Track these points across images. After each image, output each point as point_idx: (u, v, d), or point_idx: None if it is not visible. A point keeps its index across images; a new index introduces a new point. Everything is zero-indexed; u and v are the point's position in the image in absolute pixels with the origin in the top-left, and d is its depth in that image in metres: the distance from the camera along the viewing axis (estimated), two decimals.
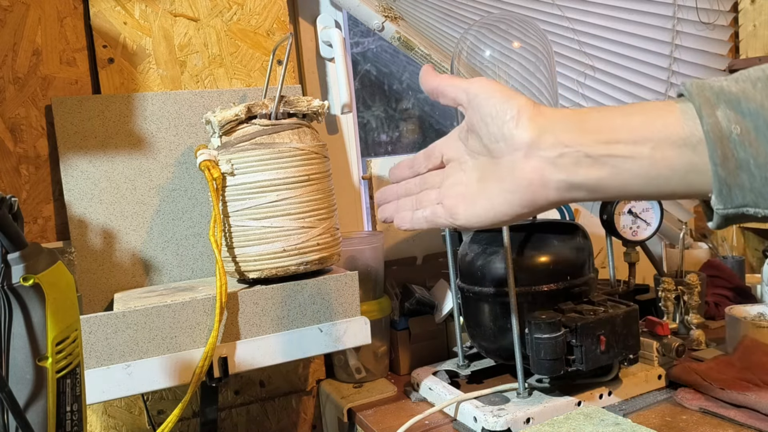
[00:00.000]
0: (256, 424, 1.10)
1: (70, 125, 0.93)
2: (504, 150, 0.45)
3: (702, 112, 0.39)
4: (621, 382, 0.90)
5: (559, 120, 0.44)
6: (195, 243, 1.00)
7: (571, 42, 1.32)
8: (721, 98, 0.39)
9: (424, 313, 1.12)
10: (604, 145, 0.42)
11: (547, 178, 0.43)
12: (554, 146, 0.43)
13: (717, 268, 1.26)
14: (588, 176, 0.42)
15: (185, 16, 1.02)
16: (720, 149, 0.38)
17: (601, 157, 0.42)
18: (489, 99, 0.47)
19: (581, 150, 0.42)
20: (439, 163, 0.55)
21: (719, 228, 0.41)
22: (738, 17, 1.48)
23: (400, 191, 0.58)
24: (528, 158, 0.44)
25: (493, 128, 0.46)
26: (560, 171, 0.43)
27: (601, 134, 0.42)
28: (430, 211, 0.53)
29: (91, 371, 0.74)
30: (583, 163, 0.42)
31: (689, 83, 0.41)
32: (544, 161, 0.43)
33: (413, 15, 1.20)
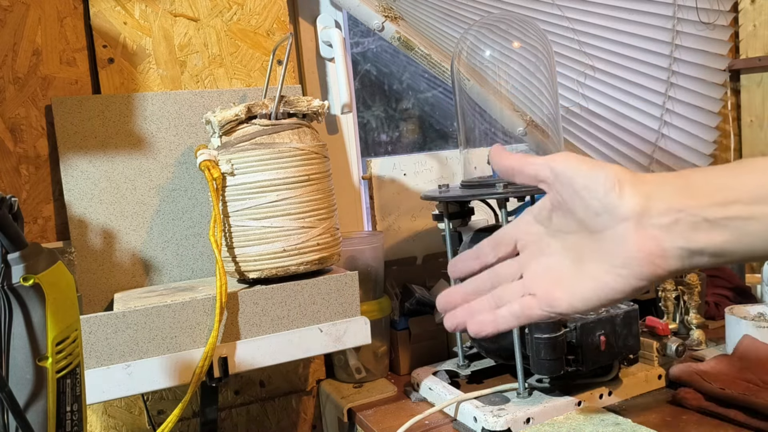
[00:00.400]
0: (256, 424, 1.10)
1: (70, 125, 0.93)
2: (607, 222, 0.42)
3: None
4: (621, 382, 0.90)
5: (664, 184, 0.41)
6: (195, 243, 1.00)
7: (571, 42, 1.32)
8: None
9: (424, 313, 1.12)
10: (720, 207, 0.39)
11: (665, 247, 0.41)
12: (667, 212, 0.40)
13: (717, 268, 1.26)
14: (709, 241, 0.40)
15: (185, 16, 1.02)
16: None
17: (719, 220, 0.39)
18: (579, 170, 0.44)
19: (697, 214, 0.40)
20: (510, 251, 0.50)
21: None
22: (738, 17, 1.48)
23: (467, 291, 0.51)
24: (639, 228, 0.41)
25: (592, 201, 0.43)
26: (678, 238, 0.40)
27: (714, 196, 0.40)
28: (519, 304, 0.47)
29: (91, 371, 0.74)
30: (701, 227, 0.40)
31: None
32: (659, 229, 0.40)
33: (413, 15, 1.20)
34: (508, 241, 0.50)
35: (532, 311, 0.47)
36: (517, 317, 0.47)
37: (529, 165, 0.47)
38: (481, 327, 0.48)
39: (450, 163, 1.24)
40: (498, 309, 0.48)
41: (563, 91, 1.33)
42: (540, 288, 0.47)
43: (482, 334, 0.48)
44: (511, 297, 0.48)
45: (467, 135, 1.08)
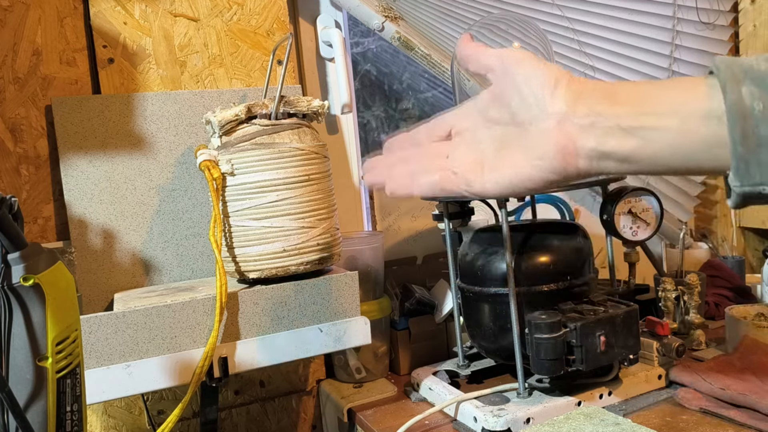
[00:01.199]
0: (256, 424, 1.10)
1: (70, 125, 0.93)
2: (535, 115, 0.45)
3: (726, 87, 0.39)
4: (621, 382, 0.90)
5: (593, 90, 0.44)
6: (195, 243, 1.00)
7: (571, 42, 1.32)
8: (748, 75, 0.39)
9: (424, 313, 1.12)
10: (635, 116, 0.42)
11: (578, 145, 0.44)
12: (587, 115, 0.43)
13: (717, 268, 1.26)
14: (618, 146, 0.43)
15: (185, 16, 1.02)
16: (740, 125, 0.38)
17: (631, 128, 0.42)
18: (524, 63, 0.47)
19: (612, 120, 0.43)
20: (444, 136, 0.53)
21: (737, 207, 0.41)
22: (738, 17, 1.48)
23: (393, 160, 0.54)
24: (561, 124, 0.44)
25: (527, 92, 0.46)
26: (591, 139, 0.43)
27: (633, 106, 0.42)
28: (440, 176, 0.50)
29: (91, 371, 0.74)
30: (614, 133, 0.43)
31: (719, 59, 0.41)
32: (576, 128, 0.44)
33: (413, 15, 1.20)
34: (444, 126, 0.53)
35: (448, 184, 0.50)
36: (432, 186, 0.50)
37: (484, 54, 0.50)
38: (397, 187, 0.52)
39: None
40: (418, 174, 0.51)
41: None
42: (461, 167, 0.50)
43: (397, 193, 0.52)
44: (433, 169, 0.51)
45: None
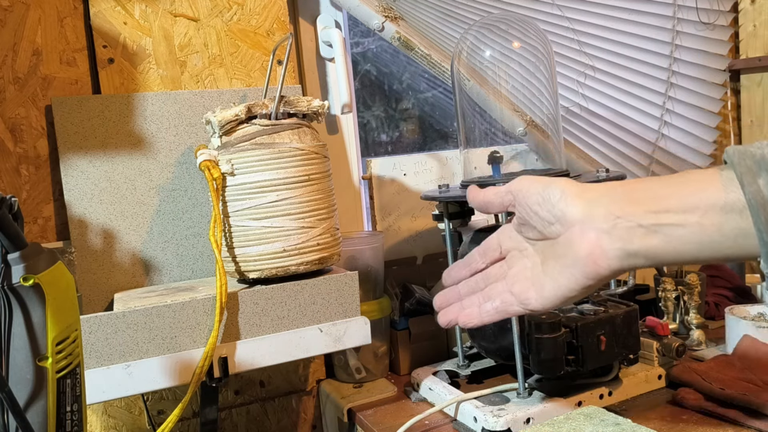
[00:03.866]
0: (256, 424, 1.10)
1: (70, 125, 0.93)
2: (559, 230, 0.48)
3: (743, 180, 0.41)
4: (621, 382, 0.90)
5: (605, 193, 0.47)
6: (195, 243, 1.00)
7: (571, 42, 1.32)
8: (763, 167, 0.41)
9: (424, 313, 1.12)
10: (653, 214, 0.44)
11: (605, 248, 0.46)
12: (606, 218, 0.46)
13: (717, 268, 1.26)
14: (643, 244, 0.45)
15: (185, 16, 1.02)
16: (764, 215, 0.40)
17: (652, 226, 0.44)
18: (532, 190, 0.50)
19: (633, 220, 0.45)
20: (497, 256, 0.56)
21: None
22: (738, 17, 1.48)
23: (462, 291, 0.58)
24: (583, 232, 0.46)
25: (544, 213, 0.49)
26: (616, 240, 0.45)
27: (650, 204, 0.44)
28: (500, 300, 0.54)
29: (91, 371, 0.74)
30: (636, 232, 0.45)
31: (732, 150, 0.42)
32: (600, 232, 0.46)
33: (413, 15, 1.20)
34: (494, 247, 0.57)
35: (509, 307, 0.54)
36: (497, 311, 0.55)
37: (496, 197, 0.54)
38: (468, 319, 0.56)
39: (450, 163, 1.24)
40: (483, 304, 0.56)
41: (563, 91, 1.33)
42: (517, 286, 0.53)
43: (469, 325, 0.56)
44: (495, 295, 0.55)
45: (467, 135, 1.08)
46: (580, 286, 0.48)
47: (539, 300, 0.51)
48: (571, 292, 0.49)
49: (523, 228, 0.53)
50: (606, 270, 0.46)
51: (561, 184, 0.49)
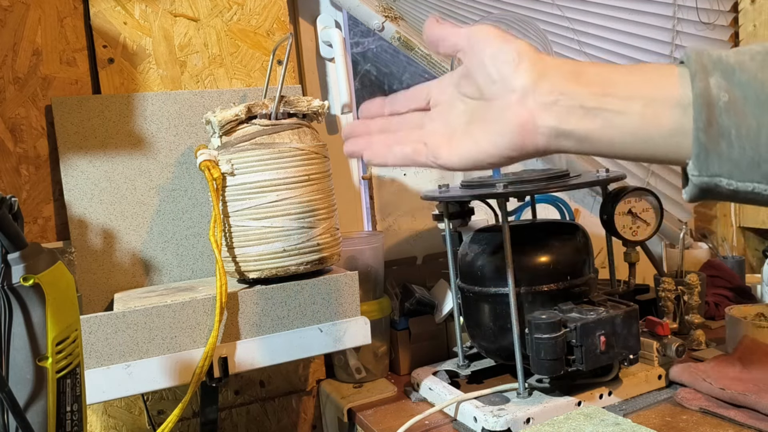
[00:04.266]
0: (256, 424, 1.10)
1: (70, 125, 0.93)
2: (499, 92, 0.45)
3: (696, 77, 0.39)
4: (621, 382, 0.90)
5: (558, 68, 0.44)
6: (195, 243, 1.00)
7: (571, 42, 1.32)
8: (718, 66, 0.39)
9: (424, 313, 1.12)
10: (598, 97, 0.42)
11: (538, 123, 0.44)
12: (550, 92, 0.43)
13: (717, 268, 1.26)
14: (578, 126, 0.43)
15: (185, 16, 1.02)
16: (705, 114, 0.38)
17: (593, 108, 0.42)
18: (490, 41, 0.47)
19: (576, 99, 0.43)
20: (423, 105, 0.53)
21: (692, 200, 0.42)
22: (738, 17, 1.48)
23: (373, 127, 0.55)
24: (522, 101, 0.44)
25: (492, 69, 0.46)
26: (552, 117, 0.43)
27: (597, 87, 0.42)
28: (412, 148, 0.52)
29: (91, 371, 0.74)
30: (575, 112, 0.43)
31: (690, 49, 0.41)
32: (538, 105, 0.43)
33: (413, 15, 1.20)
34: (422, 95, 0.53)
35: (418, 156, 0.51)
36: (405, 157, 0.52)
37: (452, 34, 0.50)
38: (373, 155, 0.54)
39: None
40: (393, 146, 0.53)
41: None
42: (432, 139, 0.51)
43: (374, 161, 0.54)
44: (407, 141, 0.52)
45: None
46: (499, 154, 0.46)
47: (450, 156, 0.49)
48: (489, 158, 0.47)
49: (463, 80, 0.49)
50: (532, 145, 0.45)
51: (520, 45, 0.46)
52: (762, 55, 0.39)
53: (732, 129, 0.38)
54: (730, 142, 0.38)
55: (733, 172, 0.39)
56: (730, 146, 0.38)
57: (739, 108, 0.38)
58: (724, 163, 0.39)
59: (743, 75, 0.38)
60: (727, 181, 0.39)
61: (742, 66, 0.39)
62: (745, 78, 0.38)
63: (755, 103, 0.38)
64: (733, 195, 0.40)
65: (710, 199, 0.41)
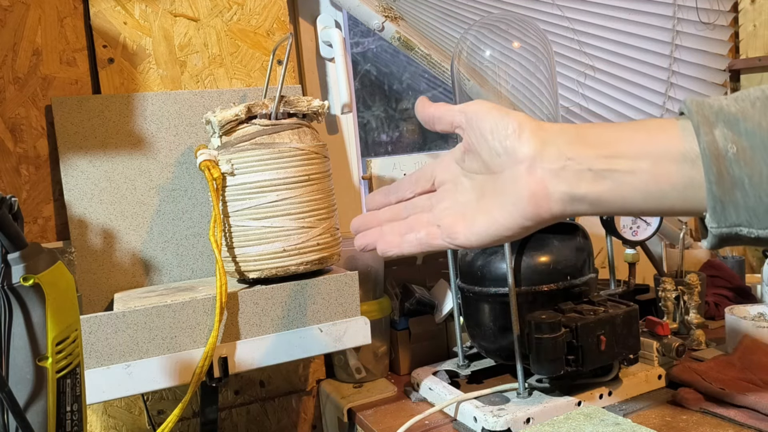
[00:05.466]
0: (256, 424, 1.10)
1: (70, 125, 0.93)
2: (506, 164, 0.45)
3: (700, 130, 0.39)
4: (621, 382, 0.90)
5: (561, 133, 0.44)
6: (195, 243, 1.00)
7: (571, 42, 1.32)
8: (720, 117, 0.39)
9: (424, 313, 1.12)
10: (605, 159, 0.42)
11: (550, 190, 0.44)
12: (557, 159, 0.43)
13: (717, 268, 1.26)
14: (590, 190, 0.43)
15: (185, 16, 1.02)
16: (716, 167, 0.39)
17: (602, 171, 0.42)
18: (487, 115, 0.47)
19: (584, 163, 0.43)
20: (429, 187, 0.53)
21: (713, 248, 0.42)
22: (738, 17, 1.48)
23: (383, 217, 0.55)
24: (531, 170, 0.44)
25: (495, 143, 0.46)
26: (563, 183, 0.43)
27: (603, 149, 0.42)
28: (425, 232, 0.51)
29: (91, 371, 0.74)
30: (585, 176, 0.43)
31: (690, 101, 0.41)
32: (548, 173, 0.43)
33: (413, 15, 1.20)
34: (427, 177, 0.53)
35: (434, 240, 0.51)
36: (420, 243, 0.51)
37: (447, 113, 0.50)
38: (387, 247, 0.52)
39: None
40: (405, 234, 0.52)
41: (563, 91, 1.33)
42: (445, 220, 0.50)
43: (388, 253, 0.53)
44: (419, 226, 0.52)
45: None
46: (517, 226, 0.46)
47: (468, 235, 0.48)
48: (506, 231, 0.46)
49: (467, 156, 0.49)
50: (547, 213, 0.44)
51: (519, 117, 0.46)
52: (761, 101, 0.39)
53: (745, 178, 0.38)
54: (745, 192, 0.38)
55: (752, 221, 0.39)
56: (745, 196, 0.38)
57: (749, 157, 0.38)
58: (742, 213, 0.39)
59: (748, 124, 0.38)
60: (747, 230, 0.39)
61: (744, 115, 0.39)
62: (750, 127, 0.38)
63: (764, 151, 0.38)
64: (755, 241, 0.40)
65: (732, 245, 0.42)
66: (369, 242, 0.54)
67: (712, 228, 0.40)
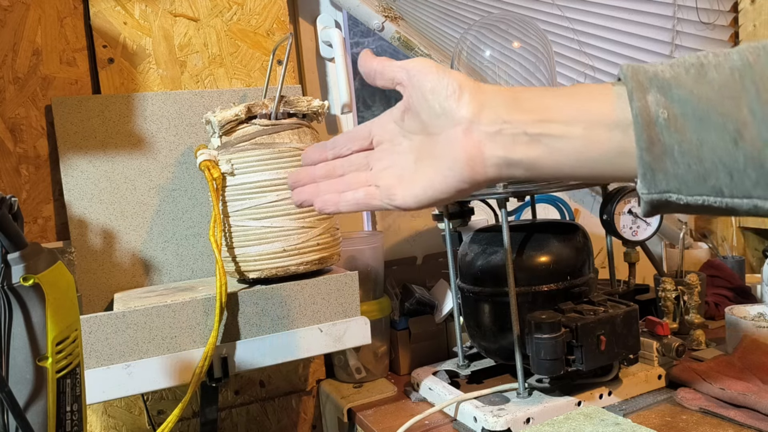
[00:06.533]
0: (256, 424, 1.10)
1: (70, 125, 0.93)
2: (444, 125, 0.45)
3: (633, 96, 0.39)
4: (621, 382, 0.90)
5: (498, 96, 0.44)
6: (195, 243, 1.00)
7: (571, 42, 1.32)
8: (654, 83, 0.39)
9: (424, 313, 1.12)
10: (539, 123, 0.42)
11: (486, 154, 0.43)
12: (494, 122, 0.43)
13: (717, 268, 1.26)
14: (525, 154, 0.43)
15: (185, 16, 1.02)
16: (647, 133, 0.38)
17: (536, 135, 0.42)
18: (429, 74, 0.46)
19: (519, 127, 0.42)
20: (367, 145, 0.53)
21: (647, 215, 0.41)
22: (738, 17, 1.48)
23: (318, 173, 0.54)
24: (468, 133, 0.44)
25: (434, 103, 0.45)
26: (499, 147, 0.43)
27: (538, 113, 0.42)
28: (364, 192, 0.51)
29: (91, 371, 0.74)
30: (520, 140, 0.43)
31: (626, 66, 0.41)
32: (484, 136, 0.43)
33: (413, 15, 1.20)
34: (364, 135, 0.53)
35: (372, 200, 0.51)
36: (358, 203, 0.51)
37: (389, 68, 0.49)
38: (324, 205, 0.52)
39: None
40: (344, 192, 0.52)
41: None
42: (383, 181, 0.50)
43: (326, 211, 0.52)
44: (357, 185, 0.51)
45: None
46: (453, 189, 0.46)
47: (405, 197, 0.48)
48: (443, 194, 0.46)
49: (406, 115, 0.48)
50: (482, 176, 0.44)
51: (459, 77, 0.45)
52: (696, 68, 0.39)
53: (675, 146, 0.38)
54: (674, 160, 0.38)
55: (681, 188, 0.39)
56: (674, 163, 0.38)
57: (680, 124, 0.38)
58: (671, 180, 0.39)
59: (680, 90, 0.38)
60: (676, 196, 0.39)
61: (678, 81, 0.39)
62: (682, 93, 0.38)
63: (694, 119, 0.37)
64: (685, 208, 0.40)
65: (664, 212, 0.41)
66: (306, 198, 0.54)
67: (643, 194, 0.40)
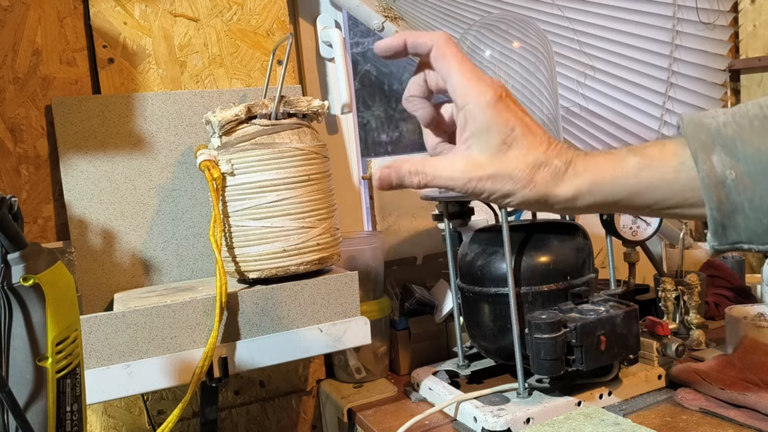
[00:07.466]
0: (256, 424, 1.10)
1: (70, 125, 0.93)
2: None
3: (698, 158, 0.40)
4: (621, 382, 0.90)
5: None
6: (195, 243, 1.00)
7: (571, 42, 1.32)
8: (717, 141, 0.39)
9: (424, 313, 1.12)
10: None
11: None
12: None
13: (717, 268, 1.26)
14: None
15: (185, 16, 1.02)
16: (715, 195, 0.39)
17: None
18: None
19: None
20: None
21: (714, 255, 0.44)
22: (738, 17, 1.48)
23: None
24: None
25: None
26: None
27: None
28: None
29: (91, 371, 0.74)
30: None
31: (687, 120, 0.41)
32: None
33: (413, 15, 1.19)
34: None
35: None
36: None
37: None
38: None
39: None
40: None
41: (563, 91, 1.33)
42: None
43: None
44: None
45: None
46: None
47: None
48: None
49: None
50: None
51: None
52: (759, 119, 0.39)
53: (745, 203, 0.39)
54: (745, 215, 0.39)
55: (753, 239, 0.40)
56: (745, 218, 0.39)
57: (747, 183, 0.39)
58: (743, 233, 0.40)
59: (745, 147, 0.39)
60: (747, 246, 0.40)
61: (742, 136, 0.39)
62: (748, 151, 0.39)
63: (762, 176, 0.38)
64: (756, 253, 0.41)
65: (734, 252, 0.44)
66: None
67: (714, 245, 0.41)
